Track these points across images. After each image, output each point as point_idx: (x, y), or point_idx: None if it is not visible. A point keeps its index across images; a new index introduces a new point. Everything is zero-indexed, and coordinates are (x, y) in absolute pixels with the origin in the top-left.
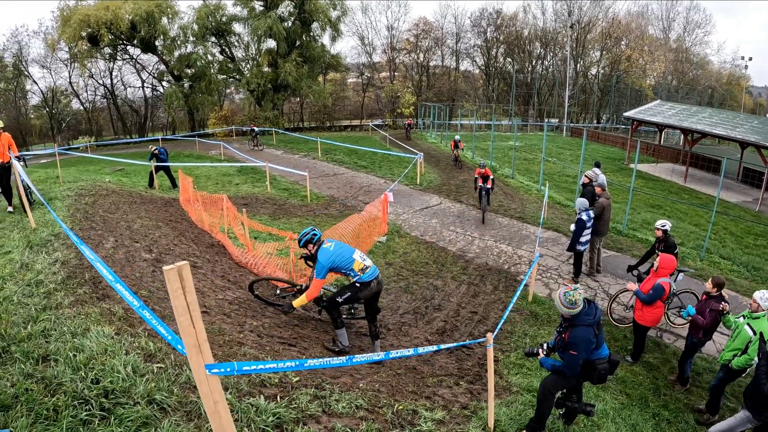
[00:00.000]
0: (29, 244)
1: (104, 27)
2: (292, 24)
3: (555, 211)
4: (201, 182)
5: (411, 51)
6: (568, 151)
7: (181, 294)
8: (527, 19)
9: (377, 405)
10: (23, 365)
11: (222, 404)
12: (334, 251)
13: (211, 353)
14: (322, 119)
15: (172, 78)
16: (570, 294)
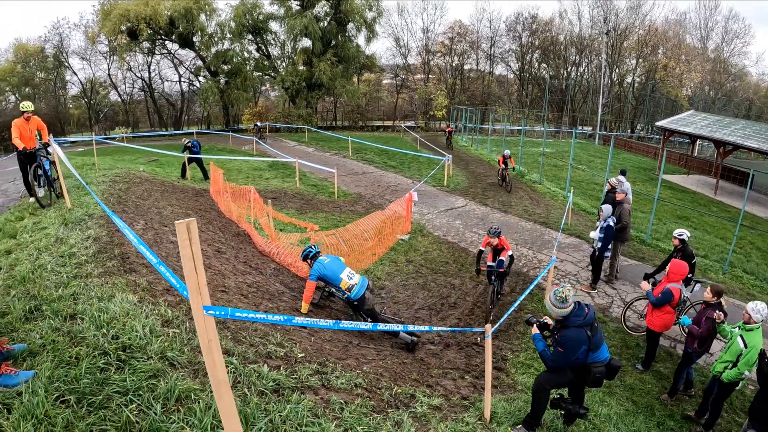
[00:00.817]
0: (64, 222)
1: (143, 22)
2: (327, 24)
3: (579, 217)
4: (233, 175)
5: (446, 54)
6: (599, 159)
7: (187, 244)
8: (563, 25)
9: (376, 386)
10: (52, 321)
11: (215, 342)
12: (327, 265)
13: (209, 296)
14: (355, 119)
15: (208, 73)
16: (559, 291)
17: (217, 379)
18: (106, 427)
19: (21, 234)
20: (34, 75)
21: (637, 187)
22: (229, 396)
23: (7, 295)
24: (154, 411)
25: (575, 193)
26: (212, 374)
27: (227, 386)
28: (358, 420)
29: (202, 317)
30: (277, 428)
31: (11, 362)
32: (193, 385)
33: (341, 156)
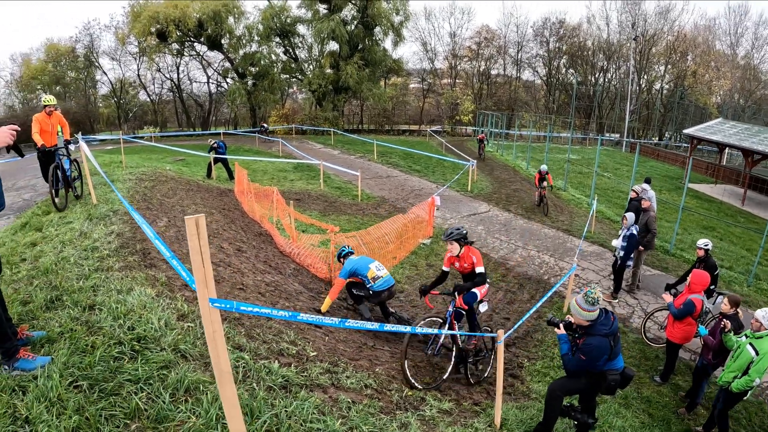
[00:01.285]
0: (89, 217)
1: (172, 24)
2: (354, 27)
3: (603, 225)
4: (258, 176)
5: (472, 58)
6: (625, 166)
7: (196, 238)
8: (591, 30)
9: (387, 387)
10: (71, 311)
11: (219, 333)
12: (356, 261)
13: (215, 289)
14: (381, 122)
15: (236, 75)
16: (591, 292)
17: (220, 369)
18: (115, 413)
19: (47, 227)
20: (65, 74)
21: (662, 196)
22: (231, 387)
23: (30, 285)
24: (163, 400)
25: (600, 201)
26: (216, 365)
27: (230, 377)
28: (365, 420)
29: (207, 309)
30: (281, 423)
31: (30, 348)
32: (202, 377)
33: (366, 159)
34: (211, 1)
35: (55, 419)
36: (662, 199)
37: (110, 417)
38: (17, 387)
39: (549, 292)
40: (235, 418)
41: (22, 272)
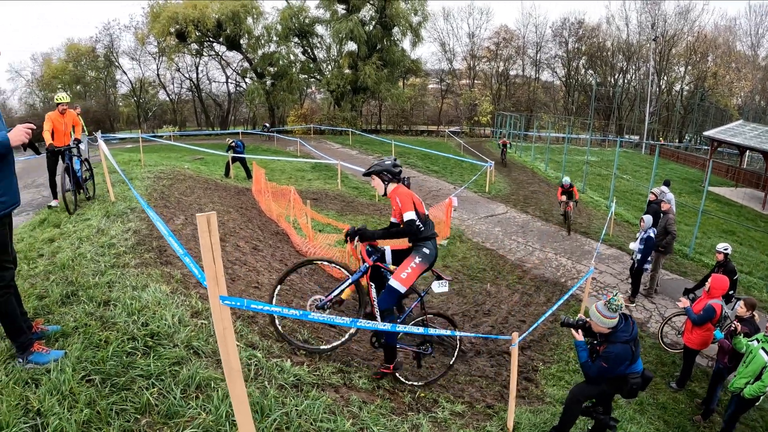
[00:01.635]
0: (107, 214)
1: (191, 24)
2: (373, 28)
3: (622, 228)
4: (275, 176)
5: (491, 59)
6: (645, 169)
7: (207, 236)
8: (610, 31)
9: (399, 388)
10: (86, 306)
11: (229, 330)
12: None
13: (225, 287)
14: (399, 123)
15: (255, 75)
16: (615, 300)
17: (230, 366)
18: (126, 407)
19: (65, 224)
20: (86, 73)
21: (682, 199)
22: (240, 384)
23: (46, 280)
24: (174, 395)
25: (618, 204)
26: (225, 362)
27: (239, 374)
28: (375, 420)
29: (218, 307)
30: (291, 421)
31: (44, 342)
32: (214, 374)
33: None
34: (229, 2)
35: (67, 412)
36: (681, 202)
37: (121, 411)
38: (30, 380)
39: (565, 295)
40: (244, 415)
41: (39, 267)
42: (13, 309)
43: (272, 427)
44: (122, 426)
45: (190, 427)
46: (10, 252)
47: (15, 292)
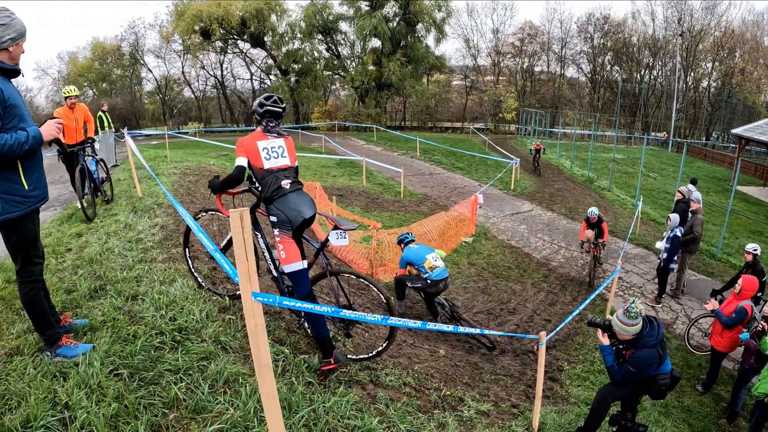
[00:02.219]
0: (134, 210)
1: (216, 22)
2: (396, 24)
3: (648, 227)
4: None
5: (516, 55)
6: (672, 167)
7: (240, 232)
8: (636, 26)
9: (425, 386)
10: (114, 300)
11: (261, 327)
12: (414, 251)
13: (258, 283)
14: (423, 119)
15: (279, 72)
16: (632, 308)
17: (260, 363)
18: (154, 401)
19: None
20: (111, 71)
21: (709, 198)
22: (271, 380)
23: (74, 274)
24: (202, 391)
25: (645, 202)
26: (256, 358)
27: (270, 370)
28: (402, 418)
29: (250, 303)
30: (319, 418)
31: (72, 335)
32: (242, 370)
33: (409, 156)
34: (253, 0)
35: (95, 406)
36: (709, 202)
37: (149, 405)
38: (58, 373)
39: (592, 294)
40: (273, 412)
41: (67, 262)
42: (41, 303)
43: (300, 424)
44: (150, 420)
45: (218, 423)
46: (39, 246)
47: (43, 287)
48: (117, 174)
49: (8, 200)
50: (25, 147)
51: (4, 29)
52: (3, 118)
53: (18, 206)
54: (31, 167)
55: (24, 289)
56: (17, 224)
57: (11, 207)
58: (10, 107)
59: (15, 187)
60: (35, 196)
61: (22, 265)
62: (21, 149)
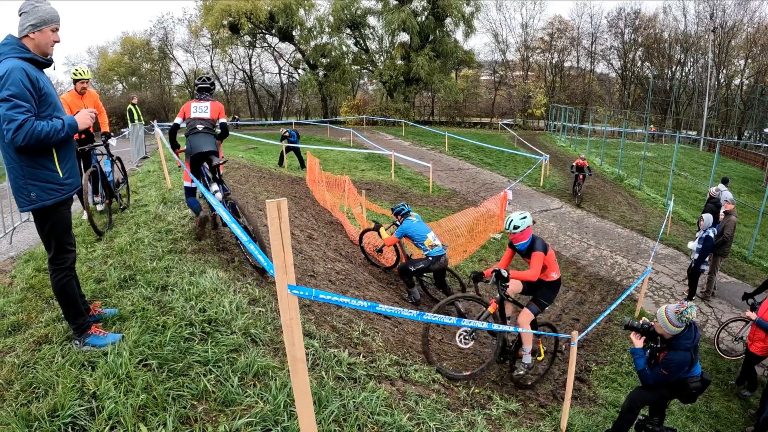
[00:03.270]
0: (164, 200)
1: (244, 17)
2: (425, 19)
3: (679, 227)
4: (329, 166)
5: (545, 50)
6: (703, 166)
7: (277, 222)
8: (667, 21)
9: (454, 384)
10: (144, 290)
11: (296, 320)
12: (414, 225)
13: (294, 276)
14: (452, 114)
15: (307, 66)
16: (688, 312)
17: (294, 356)
18: (182, 393)
19: (122, 209)
20: (140, 65)
21: (741, 199)
22: (304, 374)
23: (104, 264)
24: (231, 383)
25: (676, 202)
26: (290, 352)
27: (303, 364)
28: (431, 415)
29: (286, 295)
30: (349, 413)
31: (101, 324)
32: (271, 363)
33: (437, 151)
34: None
35: (123, 396)
36: (741, 202)
37: (178, 397)
38: (87, 362)
39: (622, 295)
40: (305, 406)
41: (97, 251)
42: (73, 291)
43: (330, 419)
44: (179, 412)
45: (248, 416)
46: (72, 234)
47: (75, 275)
48: (146, 165)
49: (44, 188)
50: (61, 134)
51: (26, 17)
52: (38, 106)
53: (53, 194)
54: (65, 156)
55: (56, 277)
56: (51, 212)
57: (46, 195)
58: (44, 96)
59: (51, 174)
60: (69, 184)
61: (55, 252)
62: (57, 136)
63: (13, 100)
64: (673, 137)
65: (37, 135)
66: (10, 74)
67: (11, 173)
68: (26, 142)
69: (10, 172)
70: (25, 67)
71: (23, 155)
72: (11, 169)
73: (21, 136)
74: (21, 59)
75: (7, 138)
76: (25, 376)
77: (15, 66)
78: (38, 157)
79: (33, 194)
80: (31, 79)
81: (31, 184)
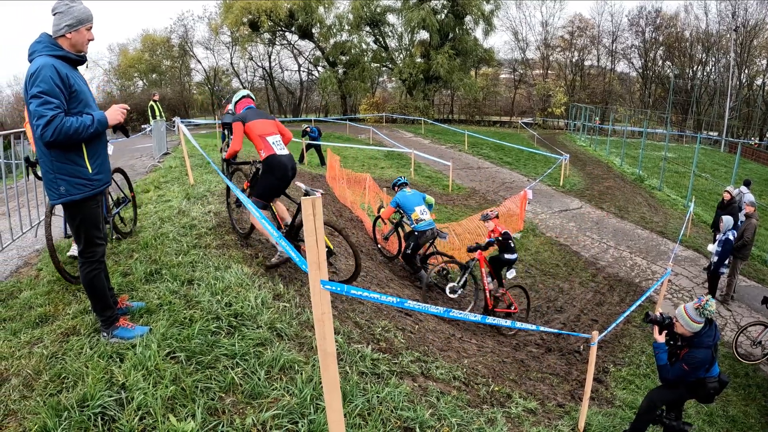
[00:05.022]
0: (187, 196)
1: (264, 14)
2: (444, 16)
3: (699, 229)
4: (348, 163)
5: (565, 49)
6: (724, 168)
7: (311, 219)
8: (688, 20)
9: (474, 381)
10: (170, 284)
11: (327, 315)
12: (407, 196)
13: (327, 271)
14: (471, 113)
15: (327, 64)
16: (708, 305)
17: (325, 350)
18: (210, 385)
19: (146, 205)
20: (161, 62)
21: (762, 202)
22: (334, 369)
23: (130, 258)
24: (258, 376)
25: (696, 203)
26: (321, 346)
27: (334, 359)
28: (453, 412)
29: (318, 291)
30: (373, 408)
31: (129, 317)
32: (297, 357)
33: (457, 149)
34: None
35: (152, 388)
36: (762, 205)
37: (206, 389)
38: (115, 354)
39: (642, 297)
40: (334, 399)
41: (122, 245)
42: (102, 284)
43: (354, 413)
44: (207, 404)
45: (274, 408)
46: (101, 229)
47: (104, 268)
48: (168, 161)
49: (72, 183)
50: (90, 130)
51: (61, 17)
52: (69, 102)
53: (81, 189)
54: (95, 151)
55: (85, 270)
56: (80, 206)
57: (75, 189)
58: (75, 93)
59: (79, 170)
60: (99, 179)
61: (84, 245)
62: (86, 132)
63: (42, 96)
64: (694, 138)
65: (66, 131)
66: (41, 71)
67: (42, 167)
68: (55, 137)
69: (42, 165)
70: (55, 64)
71: (53, 150)
72: (42, 162)
73: (50, 131)
74: (53, 57)
75: (36, 133)
76: (53, 366)
77: (45, 63)
78: (68, 152)
79: (62, 188)
80: (61, 76)
81: (60, 178)
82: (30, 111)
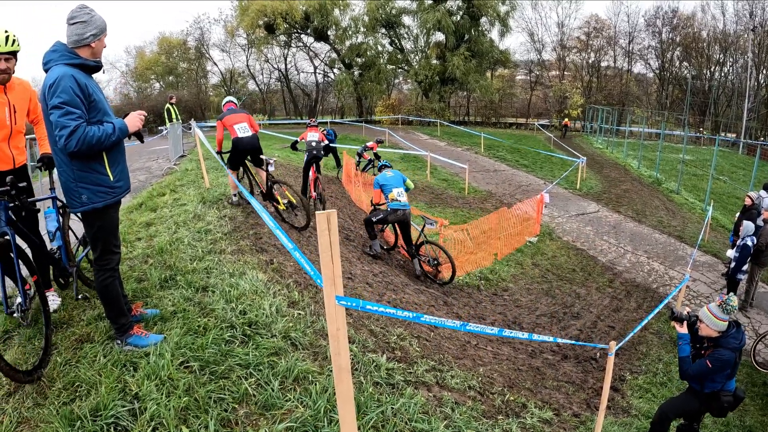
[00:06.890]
0: (202, 200)
1: (280, 17)
2: (460, 18)
3: (718, 234)
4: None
5: (581, 50)
6: (742, 170)
7: (326, 234)
8: (705, 20)
9: (489, 390)
10: (185, 291)
11: (342, 331)
12: (387, 178)
13: (342, 286)
14: (487, 115)
15: (342, 66)
16: (730, 301)
17: (339, 365)
18: (224, 396)
19: (161, 209)
20: (177, 65)
21: None
22: (348, 383)
23: (144, 264)
24: (272, 387)
25: (715, 207)
26: (335, 360)
27: (348, 373)
28: (468, 423)
29: (333, 306)
30: (387, 420)
31: (143, 325)
32: (311, 367)
33: (473, 152)
34: None
35: (165, 398)
36: None
37: (219, 400)
38: (128, 363)
39: (660, 303)
40: (348, 413)
41: (137, 251)
42: (116, 291)
43: (369, 426)
44: (220, 415)
45: (288, 420)
46: (118, 236)
47: (119, 275)
48: (184, 164)
49: (94, 191)
50: (112, 138)
51: (85, 26)
52: (88, 111)
53: (103, 197)
54: (115, 159)
55: (100, 277)
56: (101, 214)
57: (97, 197)
58: (94, 102)
59: (101, 177)
60: (120, 186)
61: (101, 253)
62: (109, 140)
63: (64, 107)
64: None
65: (89, 141)
66: (60, 81)
67: (62, 176)
68: (78, 147)
69: (62, 174)
70: (74, 73)
71: (75, 159)
72: (62, 172)
73: (73, 142)
74: (70, 65)
75: (60, 144)
76: (67, 374)
77: (65, 73)
78: (89, 161)
79: (84, 197)
80: (80, 86)
81: (83, 186)
82: (52, 122)
